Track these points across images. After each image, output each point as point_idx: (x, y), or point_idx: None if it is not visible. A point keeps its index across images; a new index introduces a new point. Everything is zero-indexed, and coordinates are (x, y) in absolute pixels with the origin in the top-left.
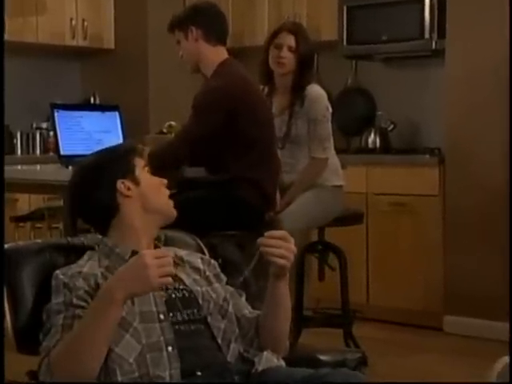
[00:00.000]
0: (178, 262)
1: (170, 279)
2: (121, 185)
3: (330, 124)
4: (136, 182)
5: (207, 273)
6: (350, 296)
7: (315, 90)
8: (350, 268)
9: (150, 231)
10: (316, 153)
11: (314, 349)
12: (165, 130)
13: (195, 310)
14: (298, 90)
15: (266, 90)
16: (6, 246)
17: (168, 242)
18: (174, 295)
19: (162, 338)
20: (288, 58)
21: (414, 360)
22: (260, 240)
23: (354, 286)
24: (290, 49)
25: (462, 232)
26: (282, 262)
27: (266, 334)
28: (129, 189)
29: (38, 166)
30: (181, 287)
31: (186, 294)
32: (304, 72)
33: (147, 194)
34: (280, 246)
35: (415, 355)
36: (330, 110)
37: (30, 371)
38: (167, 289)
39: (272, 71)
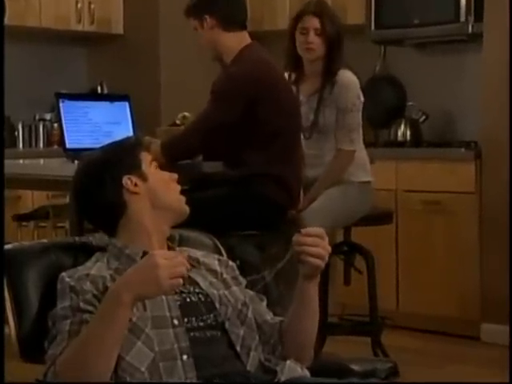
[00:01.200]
0: (193, 263)
1: (180, 281)
2: (127, 181)
3: (360, 114)
4: (143, 178)
5: (225, 275)
6: (378, 302)
7: (347, 77)
8: (378, 271)
9: (162, 230)
10: (342, 144)
11: (340, 358)
12: (178, 122)
13: (212, 315)
14: (328, 76)
15: (293, 76)
16: (8, 246)
17: (183, 243)
18: (188, 299)
19: (175, 346)
20: (316, 42)
21: (448, 371)
22: (296, 238)
23: (383, 291)
24: (316, 32)
25: (500, 232)
26: (317, 262)
27: (291, 341)
28: (136, 185)
29: (42, 161)
30: (196, 290)
31: (202, 298)
32: (334, 56)
33: (156, 190)
34: (317, 244)
35: (449, 366)
36: (362, 99)
37: (36, 381)
38: (181, 292)
39: (300, 57)
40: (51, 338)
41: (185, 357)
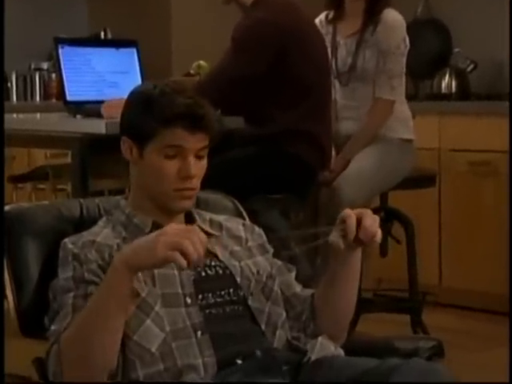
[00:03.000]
0: (214, 231)
1: (180, 260)
2: (124, 139)
3: (404, 60)
4: (140, 152)
5: (250, 243)
6: (418, 275)
7: (392, 16)
8: (418, 241)
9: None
10: (381, 92)
11: (376, 337)
12: (193, 72)
13: (231, 291)
14: (371, 15)
15: (332, 14)
16: (5, 208)
17: (201, 205)
18: (204, 273)
19: (188, 323)
20: None
21: (495, 354)
22: (339, 225)
23: (424, 264)
24: None
25: None
26: (372, 245)
27: (325, 317)
28: (131, 152)
29: (38, 115)
30: (213, 263)
31: (220, 271)
32: None
33: (146, 175)
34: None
35: (497, 349)
36: (408, 43)
37: (36, 358)
38: (196, 265)
39: None
40: (53, 313)
41: (199, 333)
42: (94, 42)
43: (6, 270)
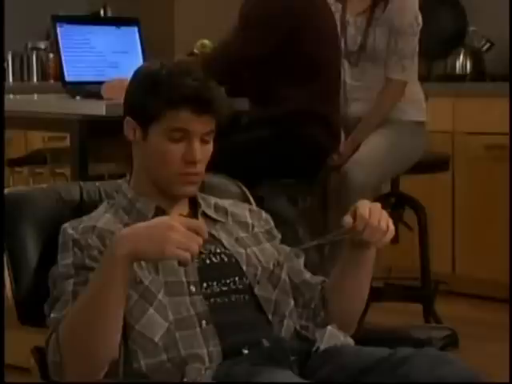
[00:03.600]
0: (217, 218)
1: (186, 256)
2: (127, 119)
3: (416, 39)
4: (144, 134)
5: (256, 229)
6: (431, 264)
7: None
8: (431, 227)
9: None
10: (392, 72)
11: (387, 326)
12: (196, 51)
13: (237, 279)
14: None
15: None
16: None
17: (206, 190)
18: (208, 261)
19: (192, 312)
20: None
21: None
22: (348, 221)
23: (437, 251)
24: None
25: None
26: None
27: (337, 307)
28: (134, 133)
29: (36, 96)
30: (218, 250)
31: (225, 259)
32: None
33: (150, 158)
34: (375, 224)
35: None
36: (420, 21)
37: (35, 348)
38: (200, 253)
39: None
40: (52, 301)
41: (204, 322)
42: (93, 20)
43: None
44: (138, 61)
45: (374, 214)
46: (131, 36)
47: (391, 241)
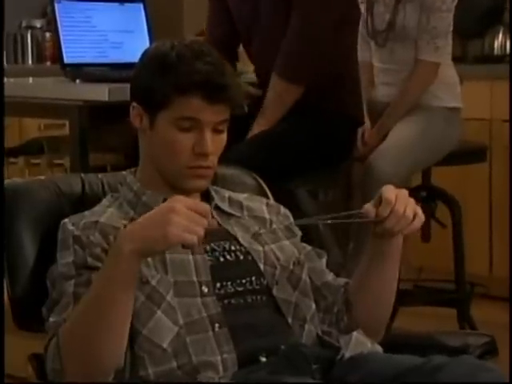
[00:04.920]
0: (232, 212)
1: (193, 240)
2: (133, 105)
3: (450, 17)
4: (151, 122)
5: (274, 225)
6: (466, 264)
7: None
8: (466, 224)
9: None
10: (424, 53)
11: (418, 332)
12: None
13: (253, 279)
14: None
15: None
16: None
17: (218, 182)
18: (222, 258)
19: (204, 315)
20: None
21: None
22: (368, 209)
23: (473, 250)
24: None
25: None
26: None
27: (361, 310)
28: (141, 120)
29: (31, 80)
30: (233, 248)
31: (241, 257)
32: None
33: (157, 148)
34: (400, 213)
35: None
36: None
37: (33, 355)
38: (213, 250)
39: None
40: (51, 303)
41: (217, 326)
42: None
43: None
44: (144, 41)
45: (400, 201)
46: (136, 13)
47: (422, 238)
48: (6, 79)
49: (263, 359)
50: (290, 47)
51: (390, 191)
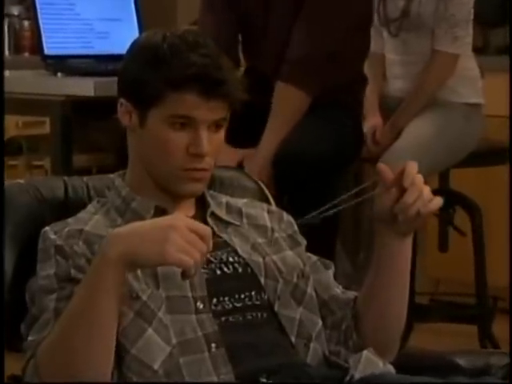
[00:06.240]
0: (230, 219)
1: (189, 264)
2: (120, 102)
3: (470, 4)
4: (141, 119)
5: (277, 234)
6: (488, 276)
7: None
8: (488, 233)
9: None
10: (441, 43)
11: (435, 351)
12: None
13: (253, 293)
14: None
15: None
16: None
17: (216, 186)
18: (219, 271)
19: (200, 334)
20: None
21: None
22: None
23: (495, 262)
24: None
25: None
26: (420, 221)
27: (371, 325)
28: (130, 117)
29: (8, 73)
30: (231, 259)
31: (240, 269)
32: None
33: (148, 149)
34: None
35: None
36: None
37: (12, 376)
38: (210, 262)
39: None
40: (31, 320)
41: (213, 345)
42: None
43: None
44: (133, 30)
45: (419, 179)
46: (124, 1)
47: (439, 248)
48: None
49: (263, 380)
50: (299, 51)
51: (413, 165)
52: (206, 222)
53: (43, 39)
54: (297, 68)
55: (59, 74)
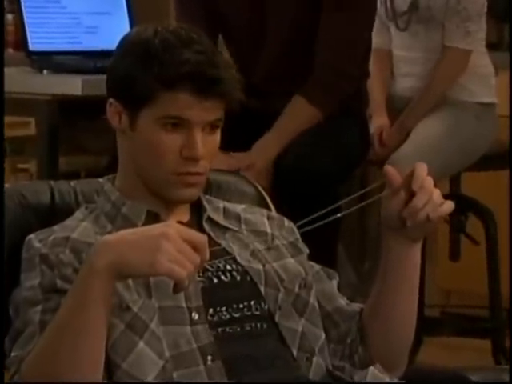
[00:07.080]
0: (227, 225)
1: (181, 275)
2: (110, 102)
3: None
4: (131, 122)
5: (278, 241)
6: (502, 287)
7: None
8: (502, 241)
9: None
10: (453, 39)
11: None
12: None
13: (252, 303)
14: None
15: None
16: None
17: (212, 191)
18: (216, 280)
19: (194, 346)
20: None
21: None
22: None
23: (509, 271)
24: None
25: None
26: (431, 225)
27: (377, 339)
28: (120, 118)
29: None
30: (228, 267)
31: (238, 277)
32: None
33: (139, 152)
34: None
35: None
36: None
37: None
38: (206, 270)
39: None
40: (15, 333)
41: (209, 358)
42: None
43: None
44: (123, 25)
45: (429, 182)
46: None
47: (450, 257)
48: None
49: None
50: (326, 77)
51: (423, 167)
52: (201, 228)
53: (28, 34)
54: (321, 90)
55: (45, 72)
